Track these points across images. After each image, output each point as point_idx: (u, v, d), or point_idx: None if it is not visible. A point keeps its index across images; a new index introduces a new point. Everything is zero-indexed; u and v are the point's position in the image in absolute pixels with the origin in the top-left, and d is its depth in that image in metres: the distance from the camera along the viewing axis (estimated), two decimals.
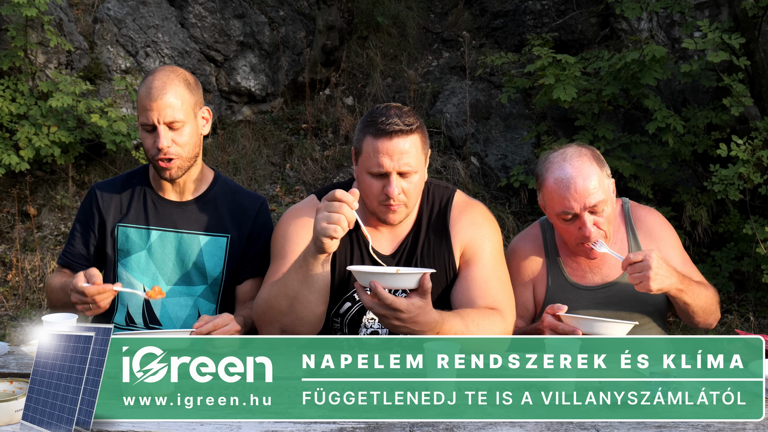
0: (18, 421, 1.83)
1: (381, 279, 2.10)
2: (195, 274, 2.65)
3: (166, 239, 2.65)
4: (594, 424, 1.85)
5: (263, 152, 6.96)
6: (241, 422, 1.83)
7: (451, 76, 7.44)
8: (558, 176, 2.50)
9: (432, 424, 1.83)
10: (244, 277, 2.68)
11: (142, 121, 2.55)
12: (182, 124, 2.55)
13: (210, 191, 2.71)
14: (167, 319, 2.65)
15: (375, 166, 2.35)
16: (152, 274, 2.64)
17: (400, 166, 2.34)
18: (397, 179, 2.36)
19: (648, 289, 2.37)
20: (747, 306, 5.68)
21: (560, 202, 2.50)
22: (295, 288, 2.25)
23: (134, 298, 2.63)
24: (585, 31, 7.26)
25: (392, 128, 2.33)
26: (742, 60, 5.37)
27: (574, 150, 2.55)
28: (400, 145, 2.33)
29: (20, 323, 5.41)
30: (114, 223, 2.66)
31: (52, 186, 6.49)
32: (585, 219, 2.48)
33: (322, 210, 2.14)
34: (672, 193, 6.01)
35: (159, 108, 2.51)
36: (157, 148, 2.53)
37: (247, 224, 2.68)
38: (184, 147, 2.57)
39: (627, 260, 2.39)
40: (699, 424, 1.86)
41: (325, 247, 2.15)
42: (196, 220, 2.66)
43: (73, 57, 6.60)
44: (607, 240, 2.55)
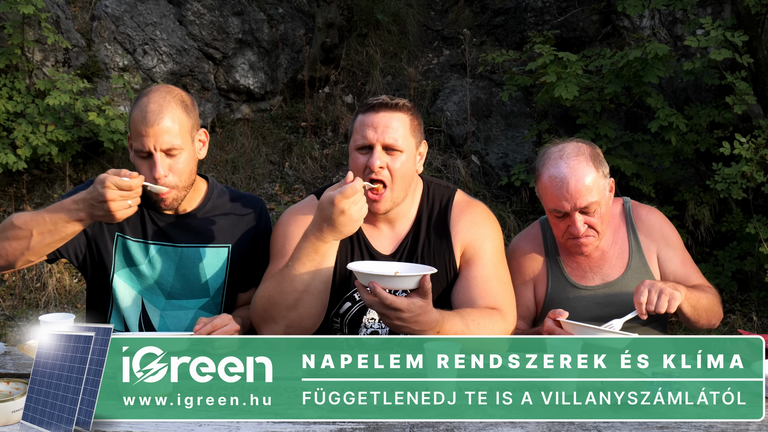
0: (15, 421, 1.83)
1: (381, 280, 2.10)
2: (196, 287, 2.60)
3: (165, 254, 2.58)
4: (596, 424, 1.85)
5: (262, 151, 6.97)
6: (240, 423, 1.83)
7: (451, 74, 7.46)
8: (552, 174, 2.51)
9: (432, 425, 1.83)
10: (250, 285, 2.61)
11: (137, 148, 2.43)
12: (180, 151, 2.44)
13: (207, 202, 2.62)
14: (165, 331, 2.60)
15: (360, 138, 2.39)
16: (151, 287, 2.58)
17: (384, 138, 2.36)
18: (381, 152, 2.37)
19: (677, 303, 2.36)
20: (750, 306, 5.67)
21: (552, 200, 2.52)
22: (306, 280, 2.25)
23: (132, 308, 2.57)
24: (587, 28, 7.26)
25: (378, 102, 2.40)
26: (745, 58, 5.36)
27: (572, 148, 2.55)
28: (385, 119, 2.38)
29: (17, 323, 5.40)
30: (113, 231, 2.57)
31: (49, 185, 6.48)
32: (575, 218, 2.51)
33: (351, 205, 2.18)
34: (674, 192, 6.01)
35: (156, 134, 2.39)
36: (153, 178, 2.41)
37: (249, 231, 2.62)
38: (181, 176, 2.46)
39: (639, 304, 2.37)
40: (701, 425, 1.86)
41: (351, 231, 2.22)
42: (196, 233, 2.59)
43: (70, 55, 6.60)
44: (600, 237, 2.56)
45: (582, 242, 2.54)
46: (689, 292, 2.46)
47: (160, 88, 2.48)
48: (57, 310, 5.49)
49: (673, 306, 2.35)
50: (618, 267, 2.63)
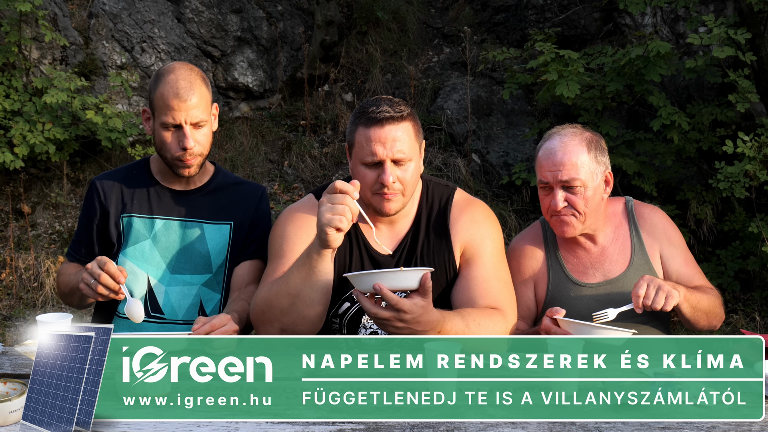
0: (13, 422, 1.82)
1: (383, 279, 2.09)
2: (199, 263, 2.68)
3: (170, 228, 2.69)
4: (597, 425, 1.84)
5: (261, 149, 6.98)
6: (239, 423, 1.82)
7: (452, 72, 7.47)
8: (546, 146, 2.58)
9: (432, 425, 1.82)
10: (241, 260, 2.70)
11: (164, 121, 2.59)
12: (205, 123, 2.63)
13: (212, 182, 2.78)
14: (170, 308, 2.66)
15: (368, 155, 2.36)
16: (156, 262, 2.67)
17: (393, 153, 2.35)
18: (392, 167, 2.37)
19: (675, 302, 2.38)
20: (753, 305, 5.67)
21: (539, 170, 2.58)
22: (298, 286, 2.24)
23: (137, 287, 2.65)
24: (588, 26, 7.26)
25: (383, 115, 2.35)
26: (748, 55, 5.37)
27: (573, 129, 2.61)
28: (392, 132, 2.35)
29: (14, 323, 5.39)
30: (118, 214, 2.70)
31: (46, 184, 6.48)
32: (556, 192, 2.54)
33: (325, 203, 2.12)
34: (676, 191, 6.02)
35: (187, 108, 2.57)
36: (182, 148, 2.59)
37: (250, 211, 2.74)
38: (205, 145, 2.65)
39: (636, 297, 2.38)
40: (703, 426, 1.85)
41: (329, 241, 2.14)
42: (200, 208, 2.71)
43: (68, 52, 6.60)
44: (581, 219, 2.56)
45: (563, 220, 2.56)
46: (689, 293, 2.46)
47: (183, 66, 2.65)
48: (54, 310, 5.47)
49: (670, 304, 2.37)
50: (620, 264, 2.63)
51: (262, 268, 2.68)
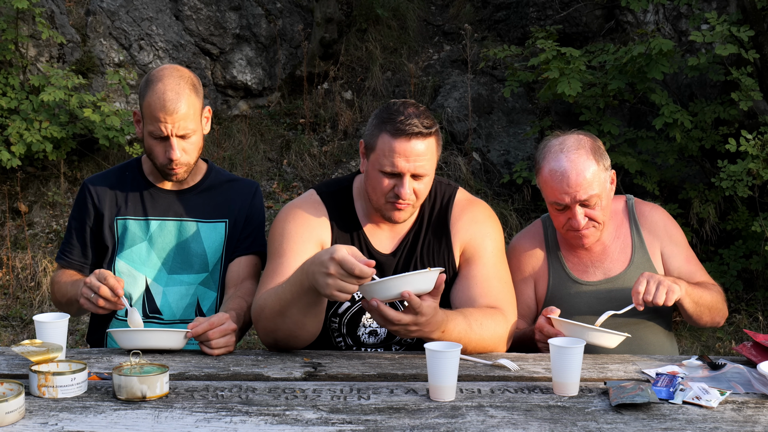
0: (9, 422, 1.77)
1: (407, 284, 2.05)
2: (196, 261, 2.68)
3: (165, 228, 2.68)
4: (598, 425, 1.82)
5: (260, 148, 7.00)
6: (238, 424, 1.78)
7: (452, 69, 7.49)
8: (553, 167, 2.52)
9: (432, 426, 1.80)
10: (236, 255, 2.70)
11: (151, 130, 2.57)
12: (193, 133, 2.61)
13: (206, 180, 2.77)
14: (167, 308, 2.65)
15: (389, 165, 2.33)
16: (153, 264, 2.67)
17: (415, 168, 2.33)
18: (410, 181, 2.35)
19: (676, 296, 2.36)
20: (756, 305, 5.67)
21: (552, 193, 2.53)
22: (295, 317, 2.21)
23: (135, 287, 2.65)
24: (590, 23, 7.26)
25: (412, 129, 2.31)
26: (751, 53, 5.37)
27: (573, 140, 2.56)
28: (417, 148, 2.32)
29: (11, 323, 5.37)
30: (112, 217, 2.68)
31: (43, 182, 6.48)
32: (576, 211, 2.52)
33: (335, 276, 2.00)
34: (679, 190, 6.03)
35: (174, 121, 2.54)
36: (168, 158, 2.58)
37: (244, 208, 2.74)
38: (192, 154, 2.64)
39: (636, 293, 2.37)
40: (706, 427, 1.83)
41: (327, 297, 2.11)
42: (194, 207, 2.71)
43: (65, 50, 6.61)
44: (600, 228, 2.57)
45: (583, 234, 2.56)
46: (691, 288, 2.46)
47: (172, 72, 2.59)
48: (51, 310, 5.44)
49: (671, 299, 2.35)
50: (620, 262, 2.63)
51: (257, 263, 2.69)
